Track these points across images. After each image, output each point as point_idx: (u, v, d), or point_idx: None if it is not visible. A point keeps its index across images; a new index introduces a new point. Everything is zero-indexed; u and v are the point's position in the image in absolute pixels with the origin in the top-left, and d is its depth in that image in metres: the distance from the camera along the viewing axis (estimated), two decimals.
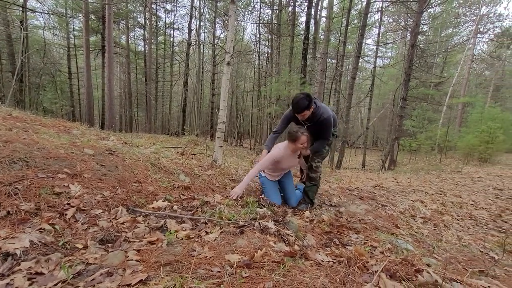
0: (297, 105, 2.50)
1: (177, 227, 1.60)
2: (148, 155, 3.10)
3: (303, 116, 2.57)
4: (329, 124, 2.68)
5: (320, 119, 2.62)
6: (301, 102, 2.49)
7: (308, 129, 2.66)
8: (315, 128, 2.72)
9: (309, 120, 2.67)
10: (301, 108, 2.49)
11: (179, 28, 21.69)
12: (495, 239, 2.82)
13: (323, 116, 2.62)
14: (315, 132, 2.76)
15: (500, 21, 17.73)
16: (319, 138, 2.77)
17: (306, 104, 2.47)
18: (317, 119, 2.63)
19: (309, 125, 2.71)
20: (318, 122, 2.65)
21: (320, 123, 2.65)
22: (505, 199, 4.89)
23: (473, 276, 1.44)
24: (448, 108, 16.68)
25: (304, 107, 2.48)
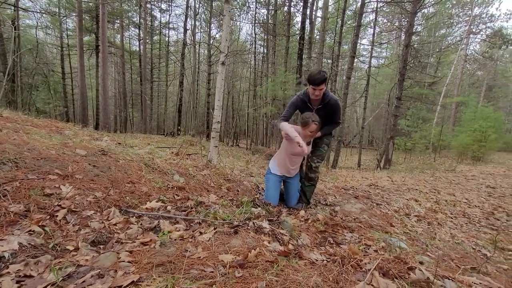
0: (317, 76, 2.45)
1: (170, 228, 1.58)
2: (142, 156, 3.08)
3: (320, 91, 2.52)
4: (339, 106, 2.70)
5: (330, 101, 2.63)
6: (321, 73, 2.47)
7: (317, 113, 2.65)
8: (325, 112, 2.70)
9: (319, 102, 2.65)
10: (321, 80, 2.45)
11: (175, 28, 21.60)
12: (488, 236, 2.85)
13: (333, 99, 2.64)
14: (324, 116, 2.73)
15: (492, 21, 18.01)
16: (329, 122, 2.75)
17: (325, 77, 2.47)
18: (327, 101, 2.63)
19: (319, 108, 2.69)
20: (328, 104, 2.64)
21: (330, 106, 2.65)
22: (498, 197, 4.96)
23: (465, 273, 1.45)
24: (442, 107, 16.87)
25: (324, 79, 2.46)
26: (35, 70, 15.67)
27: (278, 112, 11.87)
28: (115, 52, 20.06)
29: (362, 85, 18.09)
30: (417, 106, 13.98)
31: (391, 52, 22.23)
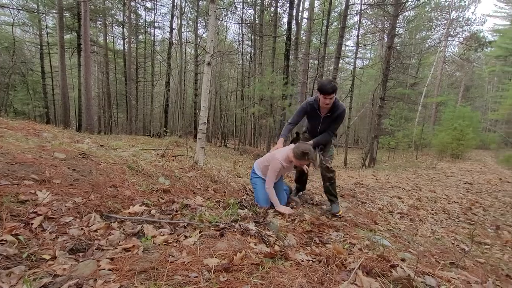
0: (328, 86, 2.42)
1: (154, 232, 1.55)
2: (125, 158, 2.99)
3: (330, 100, 2.48)
4: (343, 117, 2.70)
5: (339, 111, 2.61)
6: (332, 84, 2.44)
7: (325, 120, 2.67)
8: (332, 120, 2.69)
9: (328, 109, 2.62)
10: (332, 89, 2.41)
11: (160, 27, 21.18)
12: (466, 231, 2.98)
13: (342, 108, 2.63)
14: (329, 124, 2.74)
15: (468, 25, 18.87)
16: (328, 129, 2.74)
17: (336, 87, 2.44)
18: (335, 109, 2.60)
19: (327, 116, 2.67)
20: (336, 113, 2.62)
21: (337, 116, 2.63)
22: (475, 193, 5.20)
23: (444, 268, 1.50)
24: (423, 107, 17.50)
25: (335, 89, 2.43)
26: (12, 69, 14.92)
27: (266, 113, 11.91)
28: (98, 51, 19.46)
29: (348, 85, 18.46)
30: (399, 106, 14.43)
31: (375, 54, 22.82)
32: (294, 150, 2.49)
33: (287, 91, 10.11)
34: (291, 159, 2.53)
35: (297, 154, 2.45)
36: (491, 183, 6.31)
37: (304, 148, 2.45)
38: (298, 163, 2.54)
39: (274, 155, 2.62)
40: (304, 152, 2.42)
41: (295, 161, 2.51)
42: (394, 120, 14.26)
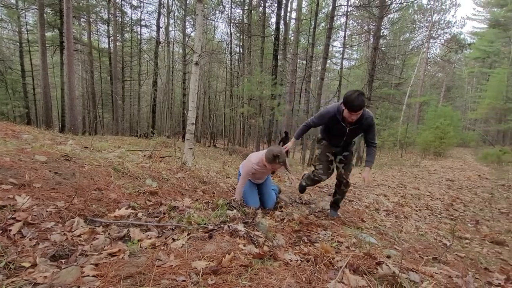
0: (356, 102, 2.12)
1: (141, 236, 1.51)
2: (111, 160, 2.92)
3: (357, 116, 2.24)
4: (374, 124, 2.45)
5: (368, 120, 2.36)
6: (360, 99, 2.13)
7: (351, 132, 2.45)
8: (359, 131, 2.48)
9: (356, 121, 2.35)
10: (361, 106, 2.15)
11: (147, 25, 20.74)
12: (447, 226, 3.09)
13: (369, 116, 2.36)
14: (356, 135, 2.55)
15: (449, 28, 19.60)
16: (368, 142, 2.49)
17: (364, 103, 2.17)
18: (363, 119, 2.34)
19: (353, 128, 2.42)
20: (364, 123, 2.37)
21: (367, 124, 2.38)
22: (456, 189, 5.40)
23: (427, 264, 1.56)
24: (407, 107, 18.02)
25: (363, 105, 2.17)
26: None
27: (255, 112, 11.92)
28: (82, 49, 18.84)
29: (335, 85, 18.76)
30: (385, 105, 14.83)
31: (361, 54, 23.29)
32: (266, 153, 2.48)
33: (276, 91, 10.16)
34: (264, 164, 2.53)
35: (268, 157, 2.45)
36: (471, 180, 6.58)
37: (276, 151, 2.43)
38: (270, 166, 2.52)
39: (250, 158, 2.68)
40: (275, 156, 2.41)
41: (267, 165, 2.50)
42: (380, 119, 14.63)
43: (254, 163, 2.60)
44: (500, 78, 16.77)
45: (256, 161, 2.60)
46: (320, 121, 2.56)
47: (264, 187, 2.88)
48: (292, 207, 2.97)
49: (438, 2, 19.13)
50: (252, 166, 2.59)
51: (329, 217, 2.73)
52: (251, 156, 2.72)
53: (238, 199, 2.57)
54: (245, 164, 2.67)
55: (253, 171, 2.62)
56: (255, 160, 2.62)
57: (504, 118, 18.09)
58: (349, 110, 2.19)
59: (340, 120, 2.38)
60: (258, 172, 2.67)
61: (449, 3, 19.58)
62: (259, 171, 2.66)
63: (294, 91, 13.94)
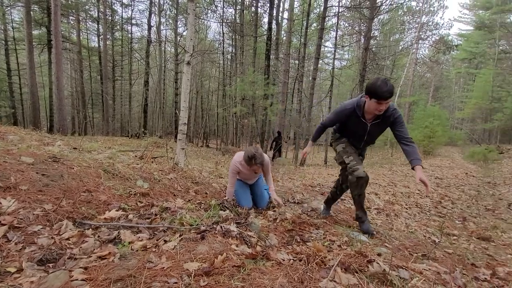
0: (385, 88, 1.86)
1: (132, 238, 1.49)
2: (101, 161, 2.87)
3: (386, 105, 1.95)
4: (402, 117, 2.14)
5: (392, 112, 2.06)
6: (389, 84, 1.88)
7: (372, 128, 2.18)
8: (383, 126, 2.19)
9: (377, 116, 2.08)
10: (391, 92, 1.88)
11: (138, 24, 20.42)
12: (436, 223, 3.17)
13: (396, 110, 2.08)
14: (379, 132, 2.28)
15: (437, 29, 20.08)
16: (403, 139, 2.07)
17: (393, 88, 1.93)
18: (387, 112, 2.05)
19: (375, 123, 2.15)
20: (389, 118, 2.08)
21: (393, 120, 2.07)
22: (444, 187, 5.53)
23: (416, 261, 1.59)
24: (398, 106, 18.32)
25: (393, 90, 1.93)
26: None
27: (248, 112, 11.91)
28: (71, 48, 18.42)
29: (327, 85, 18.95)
30: None
31: (352, 55, 23.60)
32: (245, 153, 2.44)
33: (268, 91, 10.18)
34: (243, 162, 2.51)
35: (244, 159, 2.43)
36: (458, 178, 6.76)
37: (250, 152, 2.39)
38: (246, 166, 2.50)
39: (234, 156, 2.69)
40: (250, 157, 2.38)
41: (246, 166, 2.49)
42: None
43: (237, 161, 2.59)
44: (485, 79, 17.28)
45: (239, 159, 2.58)
46: (337, 119, 2.30)
47: (256, 187, 2.88)
48: (285, 207, 2.98)
49: (427, 4, 19.55)
50: (235, 164, 2.59)
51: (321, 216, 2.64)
52: (236, 154, 2.73)
53: (229, 199, 2.56)
54: (231, 164, 2.68)
55: (237, 169, 2.62)
56: (238, 158, 2.60)
57: (489, 117, 18.64)
58: (378, 99, 1.90)
59: (360, 115, 2.11)
60: (243, 172, 2.67)
61: (437, 5, 20.03)
62: (243, 171, 2.65)
63: (287, 91, 13.99)
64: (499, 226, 3.48)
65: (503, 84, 18.61)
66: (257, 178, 2.91)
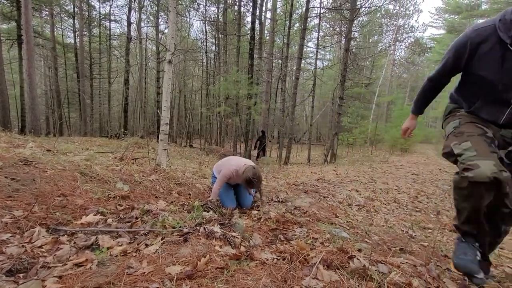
0: None
1: (111, 243, 1.44)
2: (77, 163, 2.74)
3: None
4: None
5: None
6: None
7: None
8: None
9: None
10: None
11: (117, 20, 19.70)
12: (413, 218, 3.32)
13: None
14: None
15: (413, 32, 21.05)
16: None
17: None
18: None
19: None
20: None
21: None
22: (420, 183, 5.80)
23: (395, 255, 1.66)
24: (377, 106, 19.02)
25: None
26: None
27: (231, 112, 11.85)
28: (44, 44, 17.43)
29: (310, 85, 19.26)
30: (356, 104, 15.54)
31: (334, 55, 24.14)
32: (244, 170, 2.52)
33: (252, 90, 10.19)
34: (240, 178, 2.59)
35: (241, 178, 2.52)
36: (433, 173, 7.11)
37: (252, 174, 2.47)
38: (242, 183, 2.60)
39: (230, 161, 2.74)
40: (248, 181, 2.48)
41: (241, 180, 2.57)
42: (351, 118, 15.29)
43: (234, 169, 2.63)
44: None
45: (236, 168, 2.63)
46: (456, 60, 1.33)
47: (239, 188, 2.89)
48: (269, 206, 3.00)
49: (403, 8, 20.39)
50: (232, 171, 2.63)
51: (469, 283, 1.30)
52: (231, 159, 2.76)
53: (213, 199, 2.55)
54: (226, 167, 2.68)
55: (231, 176, 2.64)
56: (236, 166, 2.65)
57: None
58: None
59: (509, 42, 1.12)
60: (233, 179, 2.70)
61: (413, 9, 20.95)
62: (235, 179, 2.69)
63: (270, 90, 14.07)
64: None
65: None
66: None
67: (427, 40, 25.41)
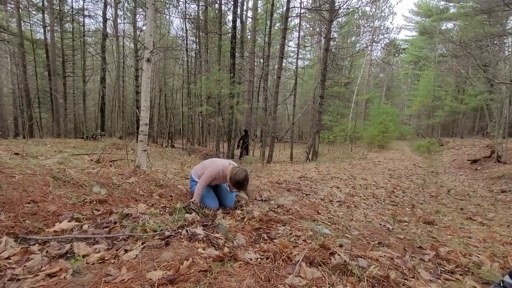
0: None
1: (87, 250, 1.38)
2: (49, 167, 2.59)
3: None
4: None
5: None
6: None
7: None
8: None
9: None
10: None
11: (92, 16, 18.74)
12: (390, 212, 3.47)
13: None
14: None
15: (388, 33, 21.94)
16: None
17: None
18: None
19: None
20: None
21: None
22: (396, 178, 6.07)
23: (373, 249, 1.72)
24: (355, 104, 19.64)
25: None
26: None
27: (214, 111, 11.72)
28: (10, 40, 16.22)
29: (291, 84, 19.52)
30: (336, 103, 15.98)
31: (314, 55, 24.60)
32: (232, 172, 2.55)
33: (234, 90, 10.14)
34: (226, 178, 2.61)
35: (232, 180, 2.54)
36: (408, 168, 7.48)
37: (240, 178, 2.51)
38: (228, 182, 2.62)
39: (215, 161, 2.74)
40: (238, 182, 2.51)
41: (229, 182, 2.60)
42: (332, 116, 15.69)
43: (221, 169, 2.63)
44: (428, 79, 19.32)
45: (223, 168, 2.64)
46: None
47: (219, 188, 2.90)
48: (253, 205, 3.01)
49: (379, 10, 21.17)
50: (219, 171, 2.63)
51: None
52: (215, 161, 2.76)
53: (197, 201, 2.52)
54: (212, 167, 2.67)
55: (217, 176, 2.64)
56: (222, 166, 2.66)
57: (432, 114, 20.94)
58: None
59: None
60: (217, 179, 2.69)
61: (388, 11, 21.86)
62: (220, 179, 2.69)
63: (253, 89, 14.07)
64: (441, 210, 3.94)
65: (442, 84, 21.01)
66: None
67: (401, 42, 26.65)
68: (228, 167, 2.63)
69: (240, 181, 2.51)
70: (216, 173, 2.63)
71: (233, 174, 2.55)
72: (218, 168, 2.65)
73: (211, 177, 2.63)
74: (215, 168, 2.64)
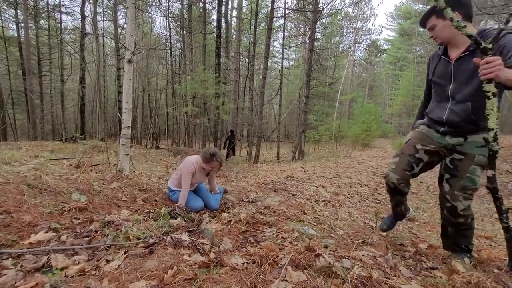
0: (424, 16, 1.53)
1: (66, 262, 1.32)
2: (24, 174, 2.46)
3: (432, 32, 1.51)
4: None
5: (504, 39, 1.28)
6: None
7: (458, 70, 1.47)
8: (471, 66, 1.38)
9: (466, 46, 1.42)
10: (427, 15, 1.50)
11: (69, 13, 17.95)
12: (373, 209, 3.57)
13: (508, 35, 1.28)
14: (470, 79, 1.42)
15: (370, 34, 22.64)
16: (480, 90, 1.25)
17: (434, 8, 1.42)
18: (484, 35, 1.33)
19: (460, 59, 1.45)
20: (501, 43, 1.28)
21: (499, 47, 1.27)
22: (379, 175, 6.26)
23: (357, 248, 1.76)
24: (340, 103, 20.09)
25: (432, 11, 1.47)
26: None
27: (199, 112, 11.58)
28: None
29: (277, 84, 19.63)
30: (321, 103, 16.27)
31: (299, 55, 24.89)
32: (202, 154, 2.66)
33: (220, 90, 10.07)
34: (202, 165, 2.67)
35: (205, 157, 2.62)
36: None
37: (212, 150, 2.65)
38: (208, 166, 2.67)
39: (186, 160, 2.77)
40: (212, 154, 2.61)
41: (204, 165, 2.65)
42: (317, 115, 15.96)
43: (193, 161, 2.68)
44: (408, 79, 20.08)
45: (195, 160, 2.70)
46: (429, 74, 1.74)
47: (200, 191, 2.92)
48: (240, 207, 3.00)
49: (361, 11, 21.74)
50: (192, 165, 2.66)
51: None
52: (186, 159, 2.78)
53: (183, 204, 2.49)
54: (185, 166, 2.69)
55: (193, 170, 2.66)
56: (193, 159, 2.72)
57: (412, 112, 21.78)
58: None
59: (441, 53, 1.56)
60: (195, 174, 2.71)
61: (369, 13, 22.48)
62: (197, 172, 2.71)
63: (238, 89, 14.03)
64: (421, 206, 4.11)
65: (421, 84, 21.87)
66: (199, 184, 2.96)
67: (383, 42, 27.49)
68: (198, 157, 2.72)
69: (212, 151, 2.62)
70: (192, 168, 2.66)
71: (203, 153, 2.67)
72: (191, 161, 2.69)
73: (189, 173, 2.64)
74: (189, 164, 2.68)
